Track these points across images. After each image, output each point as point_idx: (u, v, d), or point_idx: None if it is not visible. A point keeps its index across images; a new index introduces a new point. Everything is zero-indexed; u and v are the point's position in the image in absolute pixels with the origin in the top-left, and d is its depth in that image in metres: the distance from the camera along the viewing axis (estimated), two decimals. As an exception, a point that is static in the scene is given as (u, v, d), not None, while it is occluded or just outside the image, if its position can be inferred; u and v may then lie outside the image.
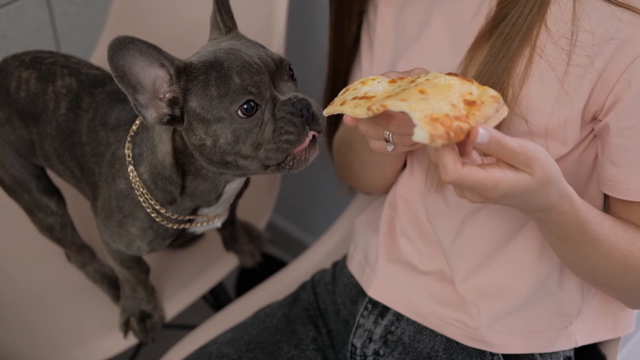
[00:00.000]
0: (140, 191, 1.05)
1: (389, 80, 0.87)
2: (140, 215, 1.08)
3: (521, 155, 0.79)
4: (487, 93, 0.80)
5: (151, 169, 1.03)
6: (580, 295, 1.08)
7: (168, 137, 0.99)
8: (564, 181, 0.86)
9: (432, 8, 1.06)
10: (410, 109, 0.76)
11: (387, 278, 1.17)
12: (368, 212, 1.29)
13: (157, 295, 1.33)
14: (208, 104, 0.91)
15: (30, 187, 1.24)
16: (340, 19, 1.19)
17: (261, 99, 0.91)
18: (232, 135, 0.91)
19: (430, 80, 0.81)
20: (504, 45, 0.96)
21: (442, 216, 1.11)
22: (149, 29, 1.61)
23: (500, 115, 0.80)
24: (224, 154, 0.93)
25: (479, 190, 0.81)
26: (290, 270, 1.46)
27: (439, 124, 0.75)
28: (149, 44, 0.88)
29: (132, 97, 0.89)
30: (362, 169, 1.24)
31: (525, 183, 0.81)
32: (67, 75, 1.15)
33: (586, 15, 0.93)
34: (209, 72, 0.91)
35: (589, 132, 0.99)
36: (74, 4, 1.69)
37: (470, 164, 0.79)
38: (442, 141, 0.74)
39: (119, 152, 1.07)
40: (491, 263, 1.09)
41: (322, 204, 2.03)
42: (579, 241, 0.93)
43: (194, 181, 1.02)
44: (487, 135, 0.77)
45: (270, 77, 0.93)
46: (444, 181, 0.79)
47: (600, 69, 0.92)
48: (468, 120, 0.76)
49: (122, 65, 0.87)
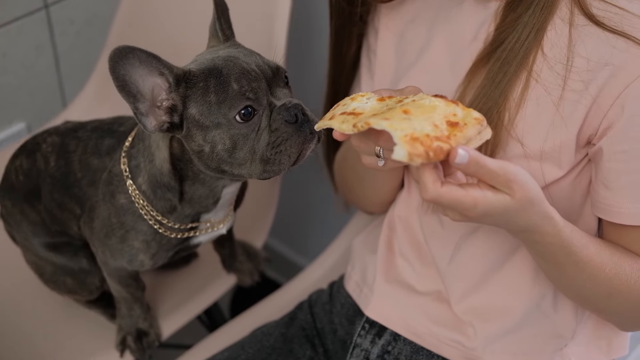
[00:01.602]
0: (141, 203, 1.06)
1: (378, 98, 0.89)
2: (143, 228, 1.08)
3: (501, 177, 0.81)
4: (470, 115, 0.82)
5: (150, 178, 1.04)
6: (575, 317, 1.09)
7: (165, 145, 1.00)
8: (546, 203, 0.88)
9: (432, 32, 1.08)
10: (391, 127, 0.77)
11: (385, 298, 1.18)
12: (366, 233, 1.30)
13: (153, 313, 1.33)
14: (207, 111, 0.93)
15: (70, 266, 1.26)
16: (340, 40, 1.20)
17: (258, 104, 0.93)
18: (230, 141, 0.93)
19: (416, 101, 0.83)
20: (501, 70, 0.98)
21: (438, 237, 1.12)
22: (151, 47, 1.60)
23: (483, 137, 0.82)
24: (220, 161, 0.95)
25: (458, 209, 0.82)
26: (286, 291, 1.46)
27: (419, 144, 0.76)
28: (148, 53, 0.90)
29: (133, 105, 0.91)
30: (359, 186, 1.26)
31: (505, 203, 0.82)
32: (47, 137, 1.18)
33: (581, 42, 0.95)
34: (208, 79, 0.93)
35: (584, 156, 1.00)
36: (75, 23, 1.71)
37: (450, 183, 0.81)
38: (421, 160, 0.76)
39: (114, 169, 1.08)
40: (486, 284, 1.10)
41: (317, 227, 2.03)
42: (563, 262, 0.95)
43: (192, 186, 1.03)
44: (467, 156, 0.78)
45: (267, 83, 0.95)
46: (424, 199, 0.81)
47: (595, 94, 0.94)
48: (449, 141, 0.78)
49: (123, 74, 0.88)
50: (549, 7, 0.96)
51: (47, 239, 1.24)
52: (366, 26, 1.18)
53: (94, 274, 1.27)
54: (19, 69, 1.66)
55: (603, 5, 0.94)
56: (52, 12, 1.65)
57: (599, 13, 0.94)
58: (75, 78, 1.76)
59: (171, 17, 1.59)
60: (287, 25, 1.41)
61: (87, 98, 1.69)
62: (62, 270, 1.27)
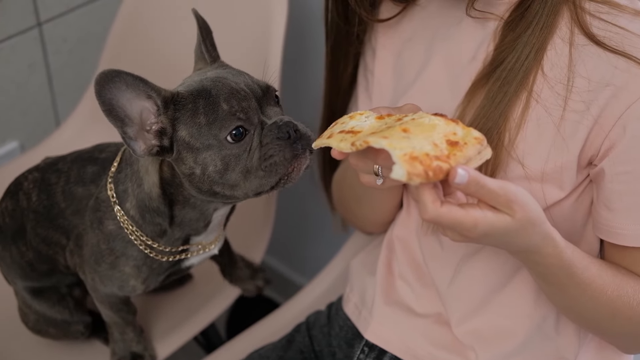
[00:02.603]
0: (130, 229, 1.05)
1: (377, 116, 0.88)
2: (133, 253, 1.07)
3: (501, 197, 0.80)
4: (471, 134, 0.81)
5: (138, 203, 1.03)
6: (577, 339, 1.08)
7: (155, 169, 0.99)
8: (547, 223, 0.87)
9: (430, 51, 1.07)
10: (390, 146, 0.76)
11: (384, 321, 1.17)
12: (364, 254, 1.29)
13: (147, 336, 1.31)
14: (197, 132, 0.92)
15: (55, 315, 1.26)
16: (337, 60, 1.19)
17: (250, 124, 0.92)
18: (222, 162, 0.92)
19: (416, 120, 0.82)
20: (501, 90, 0.97)
21: (438, 259, 1.11)
22: (144, 66, 1.61)
23: (483, 157, 0.81)
24: (212, 183, 0.94)
25: (457, 229, 0.81)
26: (283, 311, 1.44)
27: (418, 163, 0.75)
28: (135, 76, 0.89)
29: (121, 130, 0.90)
30: (357, 206, 1.24)
31: (505, 224, 0.81)
32: (28, 174, 1.16)
33: (582, 62, 0.94)
34: (197, 100, 0.92)
35: (585, 177, 0.99)
36: (68, 41, 1.70)
37: (449, 203, 0.80)
38: (420, 180, 0.75)
39: (101, 195, 1.07)
40: (487, 307, 1.08)
41: (315, 245, 2.02)
42: (565, 284, 0.94)
43: (182, 210, 1.01)
44: (467, 175, 0.77)
45: (257, 102, 0.94)
46: (423, 219, 0.80)
47: (596, 114, 0.93)
48: (449, 161, 0.77)
49: (110, 98, 0.87)
50: (549, 26, 0.95)
51: (33, 283, 1.23)
52: (363, 45, 1.17)
53: (77, 322, 1.27)
54: (12, 88, 1.65)
55: (603, 24, 0.94)
56: (44, 30, 1.64)
57: (600, 33, 0.93)
58: (68, 96, 1.75)
59: (164, 35, 1.59)
60: (282, 45, 1.41)
61: (80, 117, 1.68)
62: (45, 319, 1.26)
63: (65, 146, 1.62)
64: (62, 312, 1.25)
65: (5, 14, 1.55)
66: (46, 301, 1.24)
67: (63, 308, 1.25)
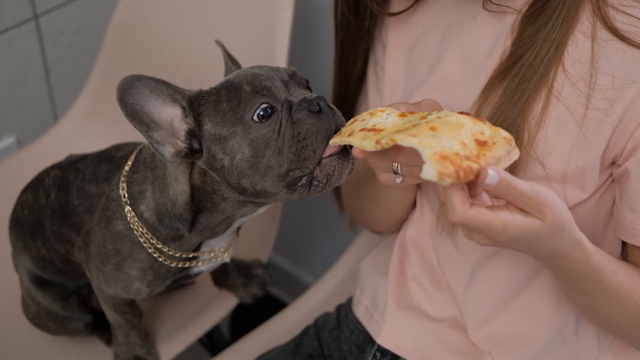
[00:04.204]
0: (140, 231, 1.02)
1: (398, 113, 0.85)
2: (141, 256, 1.05)
3: (532, 199, 0.77)
4: (499, 134, 0.78)
5: (158, 207, 1.00)
6: (598, 344, 1.05)
7: (185, 178, 0.96)
8: (576, 228, 0.84)
9: (444, 46, 1.03)
10: (420, 145, 0.74)
11: (397, 325, 1.14)
12: (374, 255, 1.26)
13: (151, 339, 1.29)
14: (221, 120, 0.89)
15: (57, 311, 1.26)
16: (346, 55, 1.16)
17: (275, 100, 0.89)
18: (249, 148, 0.88)
19: (442, 118, 0.79)
20: (519, 87, 0.93)
21: (453, 261, 1.08)
22: (144, 59, 1.58)
23: (512, 158, 0.78)
24: (240, 175, 0.89)
25: (486, 232, 0.78)
26: (290, 312, 1.41)
27: (449, 163, 0.73)
28: (156, 80, 0.87)
29: (147, 134, 0.88)
30: (372, 205, 1.21)
31: (535, 227, 0.78)
32: (50, 171, 1.17)
33: (605, 58, 0.90)
34: (220, 91, 0.91)
35: (608, 177, 0.96)
36: (65, 34, 1.67)
37: (478, 205, 0.77)
38: (451, 180, 0.73)
39: (113, 194, 1.05)
40: (505, 311, 1.05)
41: (322, 242, 1.99)
42: (592, 289, 0.91)
43: (209, 217, 0.99)
44: (497, 177, 0.74)
45: (283, 84, 0.91)
46: (451, 221, 0.77)
47: (621, 113, 0.89)
48: (478, 161, 0.75)
49: (133, 104, 0.86)
50: (570, 20, 0.92)
51: (43, 274, 1.23)
52: (373, 40, 1.14)
53: (78, 320, 1.26)
54: (8, 82, 1.62)
55: (627, 19, 0.90)
56: (42, 23, 1.61)
57: (624, 27, 0.90)
58: (66, 91, 1.73)
59: (165, 27, 1.56)
60: (289, 41, 1.38)
61: (79, 111, 1.65)
62: (46, 313, 1.26)
63: (64, 142, 1.60)
64: (65, 307, 1.25)
65: (1, 7, 1.52)
66: (51, 294, 1.24)
67: (67, 304, 1.25)
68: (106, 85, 1.62)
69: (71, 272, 1.20)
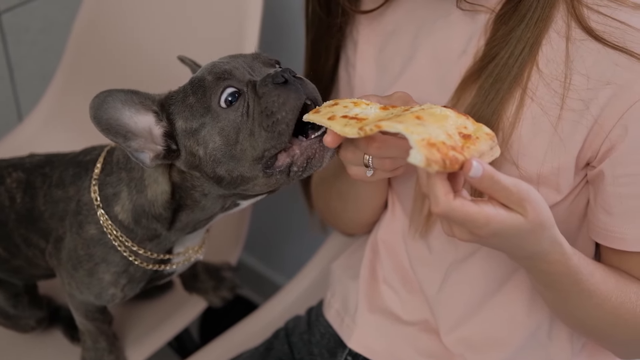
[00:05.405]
0: (114, 234, 1.01)
1: (380, 106, 0.84)
2: (115, 260, 1.03)
3: (514, 195, 0.76)
4: (482, 130, 0.79)
5: (135, 207, 0.98)
6: (570, 347, 1.05)
7: (165, 179, 0.95)
8: (556, 228, 0.83)
9: (416, 45, 1.02)
10: (407, 130, 0.74)
11: (369, 329, 1.12)
12: (345, 257, 1.24)
13: (120, 345, 1.26)
14: (190, 114, 0.89)
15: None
16: (317, 53, 1.14)
17: (239, 82, 0.87)
18: (220, 136, 0.87)
19: (426, 110, 0.80)
20: (493, 87, 0.92)
21: (426, 264, 1.06)
22: (111, 56, 1.55)
23: (494, 154, 0.79)
24: (215, 164, 0.88)
25: (468, 226, 0.77)
26: (260, 315, 1.40)
27: (436, 150, 0.73)
28: (126, 91, 0.88)
29: (124, 144, 0.88)
30: (341, 204, 1.19)
31: (518, 223, 0.77)
32: (12, 171, 1.13)
33: (580, 58, 0.89)
34: (186, 88, 0.91)
35: (582, 179, 0.95)
36: (29, 31, 1.63)
37: (462, 197, 0.76)
38: (437, 167, 0.72)
39: (84, 198, 1.03)
40: (478, 314, 1.04)
41: (293, 241, 1.97)
42: (569, 291, 0.90)
43: (190, 215, 0.97)
44: (481, 169, 0.74)
45: (246, 65, 0.90)
46: (434, 212, 0.76)
47: (596, 114, 0.88)
48: (463, 153, 0.75)
49: (107, 119, 0.86)
50: (544, 20, 0.91)
51: None
52: (344, 38, 1.12)
53: (28, 317, 1.26)
54: (-31, 78, 1.57)
55: (602, 18, 0.89)
56: (4, 20, 1.57)
57: (599, 27, 0.88)
58: (31, 90, 1.69)
59: (131, 23, 1.54)
60: (258, 39, 1.36)
61: (44, 111, 1.63)
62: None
63: (29, 142, 1.57)
64: (15, 306, 1.24)
65: (-38, 3, 1.48)
66: (3, 293, 1.23)
67: (17, 303, 1.24)
68: (72, 84, 1.58)
69: (28, 272, 1.18)
